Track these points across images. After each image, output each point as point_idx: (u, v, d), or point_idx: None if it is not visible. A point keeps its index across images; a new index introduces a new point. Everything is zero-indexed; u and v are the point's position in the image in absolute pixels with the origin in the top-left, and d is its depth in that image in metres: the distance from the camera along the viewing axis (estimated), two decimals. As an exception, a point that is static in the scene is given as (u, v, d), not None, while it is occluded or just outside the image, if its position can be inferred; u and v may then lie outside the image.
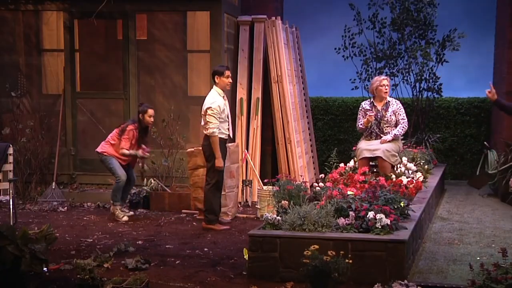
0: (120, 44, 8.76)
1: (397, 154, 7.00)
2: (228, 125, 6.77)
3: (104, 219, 7.30)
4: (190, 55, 8.91)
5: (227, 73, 6.73)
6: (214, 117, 6.54)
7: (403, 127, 7.01)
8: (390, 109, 7.02)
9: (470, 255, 5.48)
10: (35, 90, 9.05)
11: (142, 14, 8.75)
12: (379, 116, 7.00)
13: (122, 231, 6.67)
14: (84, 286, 4.52)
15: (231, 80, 6.82)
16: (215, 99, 6.60)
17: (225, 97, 6.75)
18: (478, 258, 5.28)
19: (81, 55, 9.01)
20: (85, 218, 7.40)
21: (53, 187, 8.26)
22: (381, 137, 7.00)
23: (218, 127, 6.57)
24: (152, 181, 8.09)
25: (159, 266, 5.31)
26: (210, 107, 6.56)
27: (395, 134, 6.94)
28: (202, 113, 6.68)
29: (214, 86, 6.76)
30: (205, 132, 6.67)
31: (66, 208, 7.91)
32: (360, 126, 7.09)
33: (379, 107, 7.06)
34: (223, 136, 6.68)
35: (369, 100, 7.22)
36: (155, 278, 4.90)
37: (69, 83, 8.77)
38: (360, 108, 7.19)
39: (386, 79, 7.16)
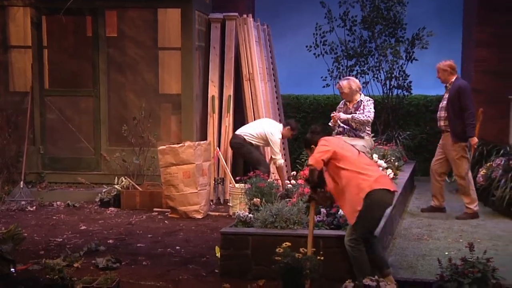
0: (90, 41, 8.64)
1: (370, 151, 7.16)
2: None
3: (74, 218, 7.20)
4: (161, 52, 8.84)
5: None
6: None
7: (365, 115, 7.07)
8: (360, 108, 7.13)
9: (438, 250, 5.57)
10: (1, 87, 8.86)
11: (112, 11, 8.65)
12: (348, 113, 7.13)
13: (92, 230, 6.59)
14: (53, 287, 4.45)
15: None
16: None
17: None
18: (447, 253, 5.37)
19: (50, 52, 8.86)
20: (54, 217, 7.29)
21: (21, 186, 8.11)
22: (354, 134, 7.10)
23: None
24: (123, 179, 8.01)
25: (130, 265, 5.26)
26: None
27: (352, 116, 7.05)
28: None
29: None
30: None
31: (34, 207, 7.78)
32: (329, 124, 7.30)
33: (349, 106, 7.20)
34: None
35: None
36: (126, 277, 4.86)
37: (37, 81, 8.63)
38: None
39: (344, 86, 7.17)
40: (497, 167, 7.38)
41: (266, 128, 7.67)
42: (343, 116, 7.09)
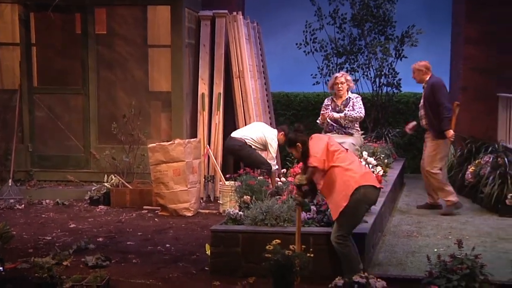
0: (79, 39, 8.59)
1: (359, 149, 7.19)
2: None
3: (63, 216, 7.16)
4: (151, 50, 8.80)
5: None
6: None
7: (357, 111, 7.13)
8: (349, 105, 7.15)
9: (428, 247, 5.61)
10: (-11, 85, 8.80)
11: (101, 8, 8.59)
12: (337, 110, 7.15)
13: (82, 229, 6.57)
14: (42, 285, 4.43)
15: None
16: None
17: None
18: (436, 250, 5.41)
19: (38, 49, 8.79)
20: (43, 215, 7.25)
21: (10, 184, 8.06)
22: (343, 132, 7.12)
23: None
24: (113, 177, 7.98)
25: (120, 263, 5.25)
26: None
27: (345, 114, 7.10)
28: None
29: None
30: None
31: (23, 205, 7.73)
32: (317, 121, 7.28)
33: (338, 103, 7.21)
34: None
35: (332, 96, 7.40)
36: (116, 275, 4.84)
37: (25, 78, 8.57)
38: (323, 104, 7.40)
39: (341, 76, 7.27)
40: (486, 164, 7.43)
41: (266, 134, 7.61)
42: (336, 115, 7.10)
